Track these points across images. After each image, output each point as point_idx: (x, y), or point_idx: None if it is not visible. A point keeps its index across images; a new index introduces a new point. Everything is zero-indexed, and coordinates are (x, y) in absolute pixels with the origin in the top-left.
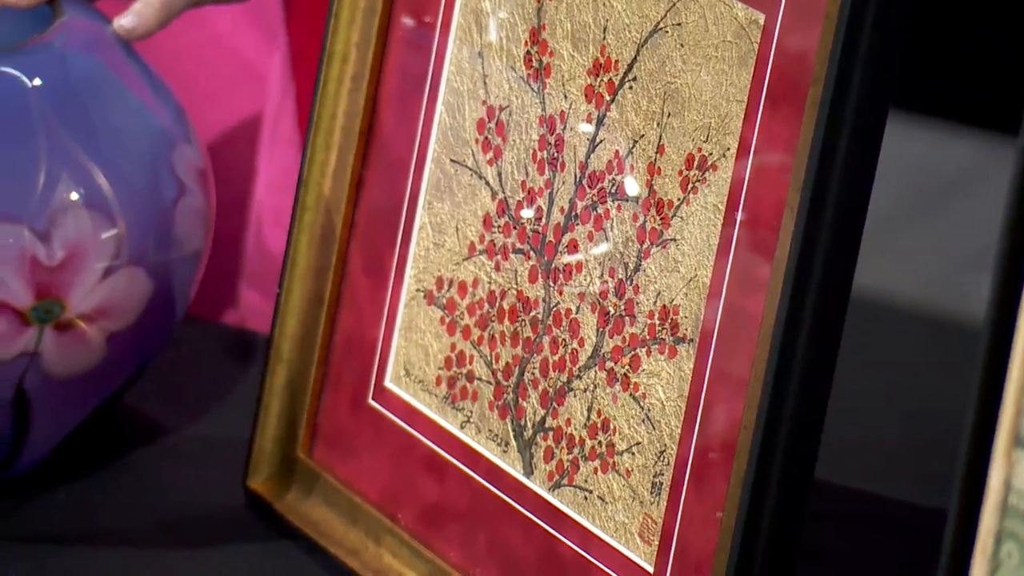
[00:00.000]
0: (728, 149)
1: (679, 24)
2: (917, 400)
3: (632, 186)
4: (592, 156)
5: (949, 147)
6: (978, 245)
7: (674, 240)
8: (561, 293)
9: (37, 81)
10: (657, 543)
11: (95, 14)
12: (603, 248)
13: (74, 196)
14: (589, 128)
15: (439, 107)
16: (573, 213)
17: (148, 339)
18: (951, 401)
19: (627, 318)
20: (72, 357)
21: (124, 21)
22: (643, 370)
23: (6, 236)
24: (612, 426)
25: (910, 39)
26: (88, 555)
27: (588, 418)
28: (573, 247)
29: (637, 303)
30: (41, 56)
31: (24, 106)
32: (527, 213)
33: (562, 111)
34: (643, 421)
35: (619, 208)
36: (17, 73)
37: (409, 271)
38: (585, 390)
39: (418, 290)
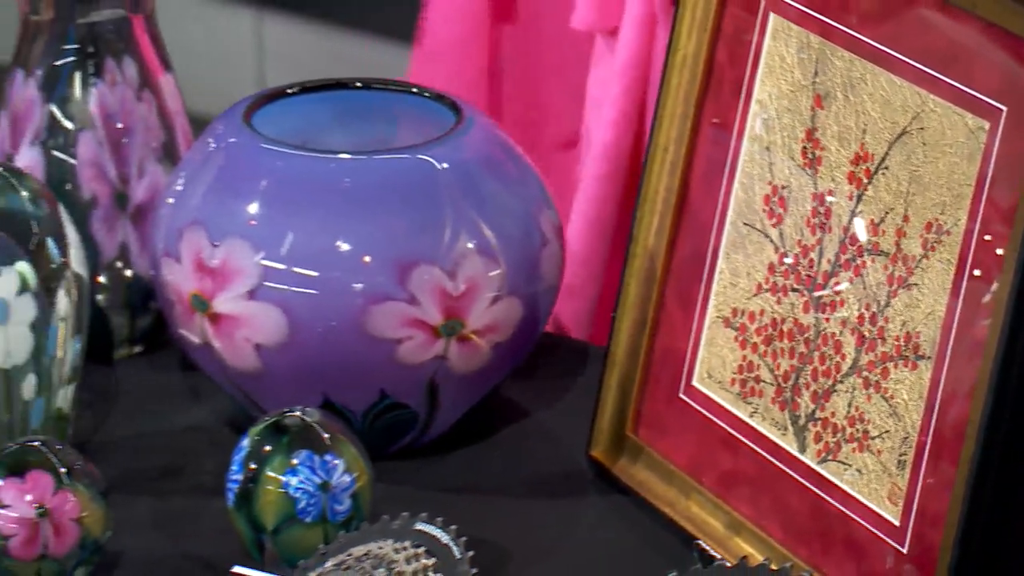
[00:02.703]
0: (959, 220)
1: (922, 128)
2: None
3: (884, 245)
4: (853, 222)
5: None
6: None
7: (916, 284)
8: (828, 321)
9: (445, 164)
10: (902, 504)
11: (484, 116)
12: (860, 289)
13: (470, 245)
14: (850, 203)
15: (735, 185)
16: (837, 263)
17: (519, 348)
18: None
19: (878, 340)
20: (468, 361)
21: None
22: (891, 378)
23: (424, 274)
24: (867, 418)
25: None
26: (474, 502)
27: (848, 412)
28: (837, 288)
29: (887, 329)
30: (447, 147)
31: (435, 182)
32: (802, 262)
33: (829, 189)
34: (891, 415)
35: (873, 260)
36: (431, 159)
37: (711, 303)
38: (846, 391)
39: (718, 317)
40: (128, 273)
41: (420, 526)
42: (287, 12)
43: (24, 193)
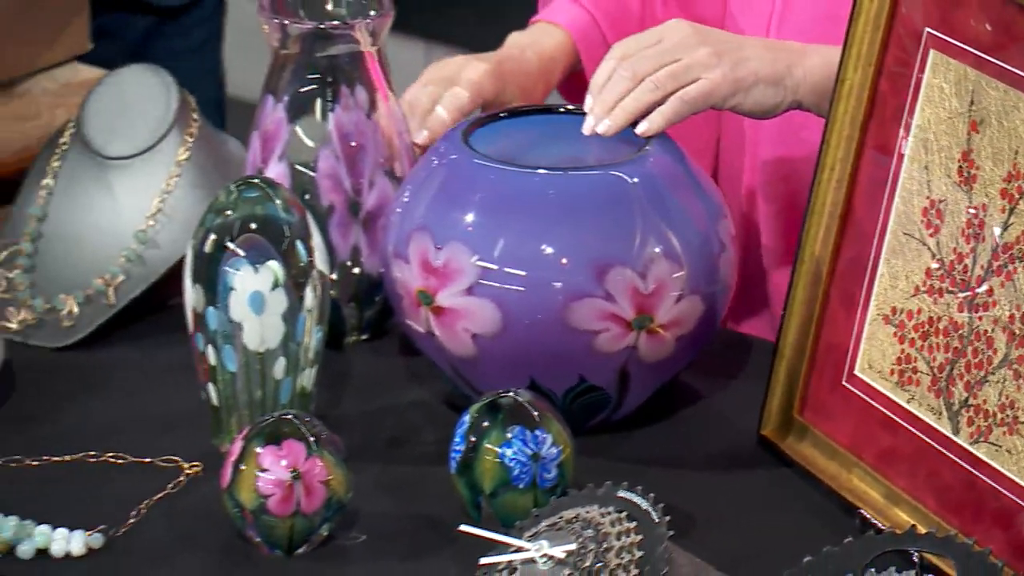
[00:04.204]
0: None
1: None
2: None
3: None
4: (1004, 233)
5: None
6: None
7: None
8: (980, 319)
9: (635, 179)
10: None
11: (668, 139)
12: (1011, 292)
13: (657, 250)
14: (1003, 216)
15: (896, 199)
16: (990, 269)
17: (699, 340)
18: None
19: None
20: (655, 351)
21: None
22: None
23: (618, 275)
24: (1017, 405)
25: None
26: (658, 473)
27: (999, 400)
28: (989, 291)
29: None
30: (637, 164)
31: (628, 195)
32: (957, 268)
33: (983, 204)
34: None
35: None
36: (623, 175)
37: (872, 303)
38: (997, 382)
39: (878, 315)
40: (356, 271)
41: (622, 493)
42: (452, 44)
43: (278, 202)
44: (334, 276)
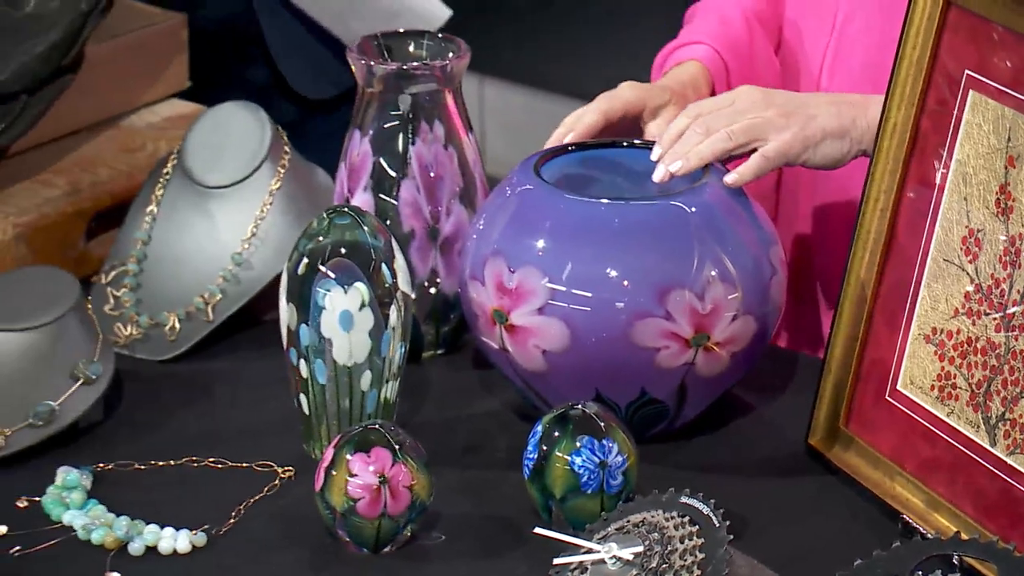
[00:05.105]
0: None
1: None
2: None
3: None
4: None
5: None
6: None
7: None
8: (1017, 339)
9: (693, 209)
10: None
11: (724, 169)
12: None
13: (713, 273)
14: None
15: (937, 227)
16: None
17: (752, 357)
18: None
19: None
20: (712, 367)
21: (728, 178)
22: None
23: (678, 296)
24: None
25: None
26: (713, 479)
27: None
28: None
29: None
30: (695, 194)
31: (686, 223)
32: (995, 292)
33: (1020, 233)
34: None
35: None
36: (682, 205)
37: (914, 323)
38: None
39: (919, 334)
40: (433, 291)
41: (684, 499)
42: (505, 78)
43: (366, 228)
44: (413, 296)
